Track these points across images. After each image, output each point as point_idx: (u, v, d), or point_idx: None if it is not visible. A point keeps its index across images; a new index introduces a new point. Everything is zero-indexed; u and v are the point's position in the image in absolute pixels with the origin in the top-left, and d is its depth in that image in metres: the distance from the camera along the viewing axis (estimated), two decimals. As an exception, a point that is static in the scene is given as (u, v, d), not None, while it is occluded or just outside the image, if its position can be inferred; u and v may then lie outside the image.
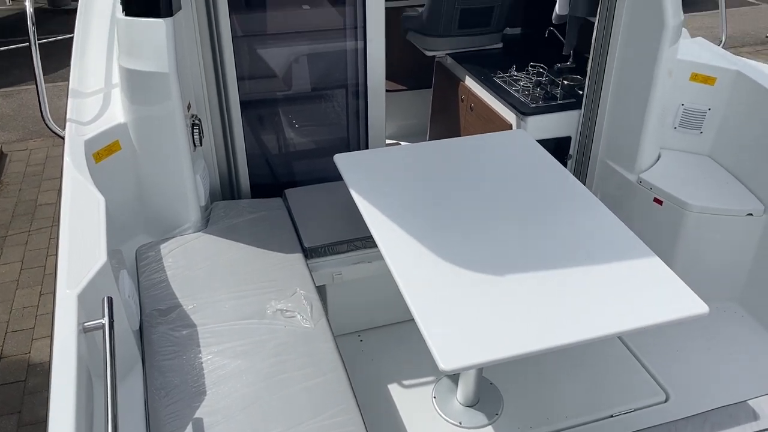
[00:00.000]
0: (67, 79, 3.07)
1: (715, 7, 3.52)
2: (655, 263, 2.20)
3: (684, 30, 3.34)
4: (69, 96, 2.84)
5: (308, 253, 2.85)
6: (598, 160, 3.53)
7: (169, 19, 2.48)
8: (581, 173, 3.61)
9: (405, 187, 2.61)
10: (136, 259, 2.66)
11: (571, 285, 2.10)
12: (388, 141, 4.78)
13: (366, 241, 2.93)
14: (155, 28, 2.47)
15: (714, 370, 2.95)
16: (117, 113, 2.71)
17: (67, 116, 2.69)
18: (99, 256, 2.01)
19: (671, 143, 3.44)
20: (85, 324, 1.80)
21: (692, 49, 3.37)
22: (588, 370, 2.92)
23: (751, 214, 3.06)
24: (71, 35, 3.44)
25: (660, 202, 3.19)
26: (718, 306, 3.26)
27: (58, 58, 7.15)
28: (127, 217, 2.76)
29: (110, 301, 1.81)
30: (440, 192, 2.58)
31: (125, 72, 2.55)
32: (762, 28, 9.33)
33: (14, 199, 5.43)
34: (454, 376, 2.84)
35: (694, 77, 3.26)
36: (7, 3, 10.82)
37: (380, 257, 2.29)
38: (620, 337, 3.11)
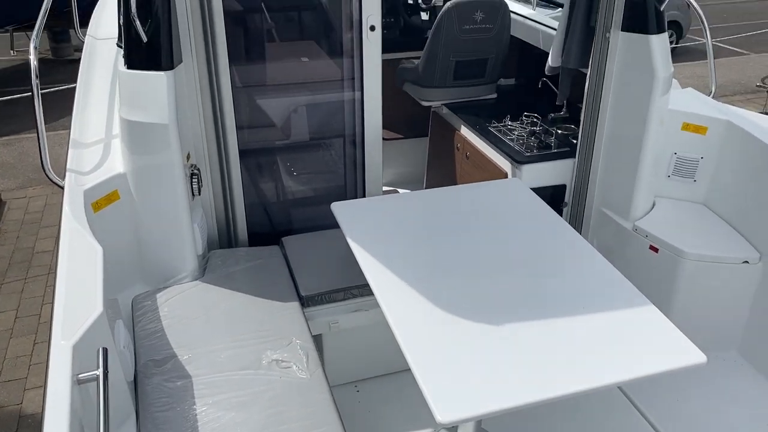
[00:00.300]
0: (68, 128, 3.12)
1: (705, 57, 3.61)
2: (652, 312, 2.20)
3: (674, 81, 3.41)
4: (69, 146, 2.87)
5: (305, 302, 2.84)
6: (593, 208, 3.56)
7: (170, 72, 2.54)
8: (577, 221, 3.64)
9: (402, 236, 2.62)
10: (132, 308, 2.65)
11: (567, 335, 2.10)
12: (385, 188, 4.82)
13: (363, 289, 2.93)
14: (156, 80, 2.52)
15: (714, 419, 2.92)
16: (117, 163, 2.75)
17: (67, 166, 2.72)
18: (95, 307, 2.01)
19: (666, 191, 3.47)
20: (79, 376, 1.79)
21: (683, 100, 3.44)
22: (587, 420, 2.89)
23: (747, 262, 3.07)
24: (73, 85, 3.50)
25: (656, 250, 3.21)
26: (717, 355, 3.24)
27: (60, 106, 7.24)
28: (124, 266, 2.76)
29: (105, 352, 1.80)
30: (437, 241, 2.60)
31: (126, 123, 2.59)
32: (752, 77, 9.53)
33: (11, 246, 5.43)
34: (453, 427, 2.80)
35: (686, 127, 3.32)
36: (12, 54, 11.03)
37: (377, 305, 2.29)
38: (619, 386, 3.08)
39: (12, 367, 4.11)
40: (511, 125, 3.97)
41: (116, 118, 2.99)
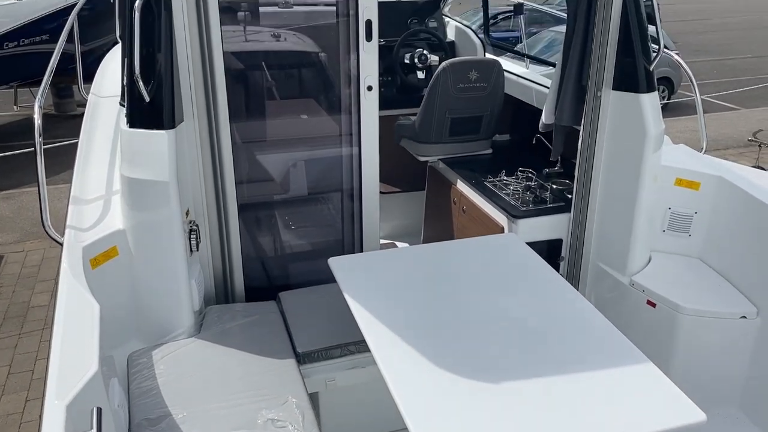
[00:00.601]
0: (68, 182, 3.15)
1: (696, 112, 3.70)
2: (650, 370, 2.19)
3: (666, 137, 3.48)
4: (70, 203, 2.90)
5: (301, 359, 2.82)
6: (590, 262, 3.57)
7: (171, 131, 2.59)
8: (574, 275, 3.65)
9: (399, 291, 2.62)
10: (127, 365, 2.62)
11: (566, 393, 2.08)
12: (382, 241, 4.83)
13: (360, 345, 2.91)
14: (157, 139, 2.57)
15: None
16: (116, 220, 2.77)
17: (67, 223, 2.74)
18: (90, 365, 1.99)
19: (661, 246, 3.49)
20: None
21: (675, 155, 3.50)
22: None
23: (744, 317, 3.07)
24: (75, 140, 3.56)
25: (653, 305, 3.21)
26: (717, 412, 3.20)
27: (60, 161, 7.32)
28: (120, 322, 2.75)
29: (99, 412, 1.78)
30: (434, 297, 2.60)
31: (126, 180, 2.63)
32: (743, 131, 9.69)
33: (7, 301, 5.40)
34: None
35: (679, 182, 3.37)
36: (15, 109, 11.21)
37: (375, 362, 2.28)
38: None
39: (2, 426, 4.03)
40: (506, 180, 4.02)
41: (117, 176, 3.03)
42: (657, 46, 3.21)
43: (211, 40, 2.86)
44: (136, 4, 2.52)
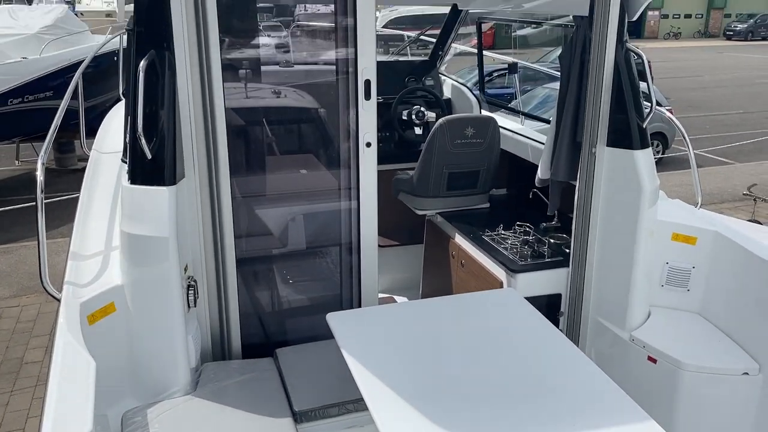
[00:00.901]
0: (66, 236, 3.16)
1: (690, 166, 3.75)
2: (652, 427, 2.16)
3: (661, 192, 3.51)
4: (69, 258, 2.91)
5: (298, 417, 2.77)
6: (589, 317, 3.56)
7: (172, 188, 2.62)
8: (573, 330, 3.62)
9: (397, 348, 2.60)
10: (121, 424, 2.58)
11: None
12: (381, 295, 4.82)
13: (358, 403, 2.86)
14: (158, 195, 2.60)
15: None
16: (115, 276, 2.77)
17: (65, 278, 2.74)
18: (85, 425, 1.96)
19: (660, 301, 3.49)
20: None
21: (671, 210, 3.53)
22: None
23: (746, 373, 3.04)
24: (75, 195, 3.58)
25: (654, 361, 3.18)
26: None
27: (60, 215, 7.36)
28: (116, 379, 2.72)
29: None
30: (433, 354, 2.58)
31: (126, 236, 2.64)
32: (738, 185, 9.78)
33: (0, 356, 5.33)
34: None
35: (676, 237, 3.39)
36: (17, 164, 11.31)
37: (373, 421, 2.25)
38: None
39: (-10, 487, 3.93)
40: (504, 234, 4.03)
41: (116, 231, 3.04)
42: (649, 103, 3.29)
43: (213, 97, 2.92)
44: (141, 63, 2.58)
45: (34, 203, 2.99)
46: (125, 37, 3.78)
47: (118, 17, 3.81)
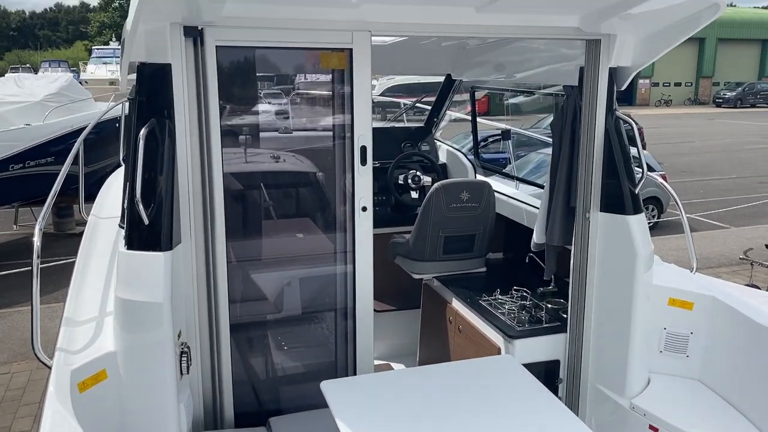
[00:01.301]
0: (60, 301, 3.14)
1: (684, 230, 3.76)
2: None
3: (656, 257, 3.53)
4: (62, 324, 2.88)
5: None
6: (588, 384, 3.50)
7: (168, 253, 2.62)
8: (572, 398, 3.56)
9: (393, 419, 2.55)
10: None
11: None
12: (377, 362, 4.74)
13: None
14: (154, 260, 2.60)
15: None
16: (107, 342, 2.74)
17: (58, 345, 2.71)
18: None
19: (659, 367, 3.44)
20: None
21: (667, 275, 3.53)
22: None
23: None
24: (72, 259, 3.58)
25: (655, 430, 3.11)
26: None
27: (55, 280, 7.31)
28: None
29: None
30: (429, 424, 2.52)
31: (120, 302, 2.63)
32: (734, 249, 9.80)
33: (-13, 426, 5.20)
34: None
35: (672, 302, 3.38)
36: (15, 228, 11.33)
37: None
38: None
39: None
40: (501, 299, 4.02)
41: (111, 297, 3.03)
42: (641, 169, 3.34)
43: (212, 163, 2.96)
44: (142, 131, 2.63)
45: (28, 268, 2.99)
46: (127, 104, 3.86)
47: (120, 86, 3.90)
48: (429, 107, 6.03)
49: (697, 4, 2.79)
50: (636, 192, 3.30)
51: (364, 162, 3.23)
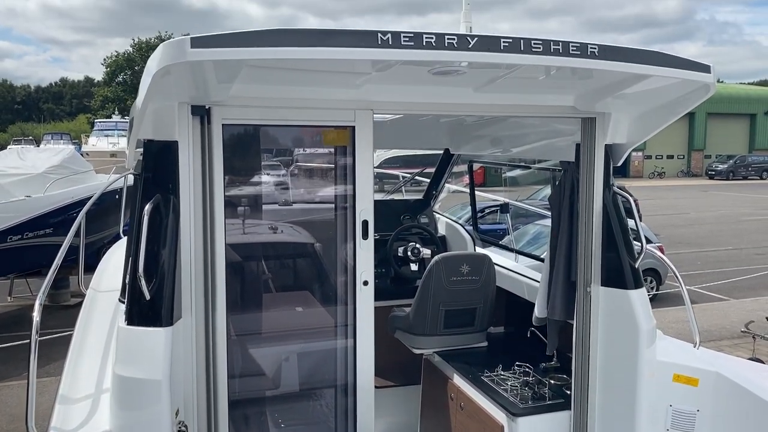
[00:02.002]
0: (53, 375, 3.08)
1: (684, 302, 3.74)
2: None
3: (658, 331, 3.50)
4: (57, 402, 2.82)
5: None
6: None
7: (168, 329, 2.60)
8: None
9: None
10: None
11: None
12: (377, 441, 4.61)
13: None
14: (154, 336, 2.58)
15: None
16: (102, 421, 2.68)
17: (52, 423, 2.65)
18: None
19: None
20: None
21: (670, 350, 3.50)
22: None
23: None
24: (67, 331, 3.54)
25: None
26: None
27: (48, 354, 7.17)
28: None
29: None
30: None
31: (118, 379, 2.59)
32: (735, 321, 9.73)
33: None
34: None
35: (677, 378, 3.33)
36: (9, 300, 11.22)
37: None
38: None
39: None
40: (503, 375, 3.96)
41: (108, 374, 2.98)
42: (640, 244, 3.36)
43: (215, 239, 2.98)
44: (147, 207, 2.66)
45: (21, 342, 2.96)
46: (132, 178, 3.92)
47: (127, 162, 3.96)
48: (427, 180, 6.12)
49: (689, 85, 2.88)
50: (636, 266, 3.31)
51: (365, 236, 3.25)
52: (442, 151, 5.75)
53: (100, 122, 45.25)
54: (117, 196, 10.08)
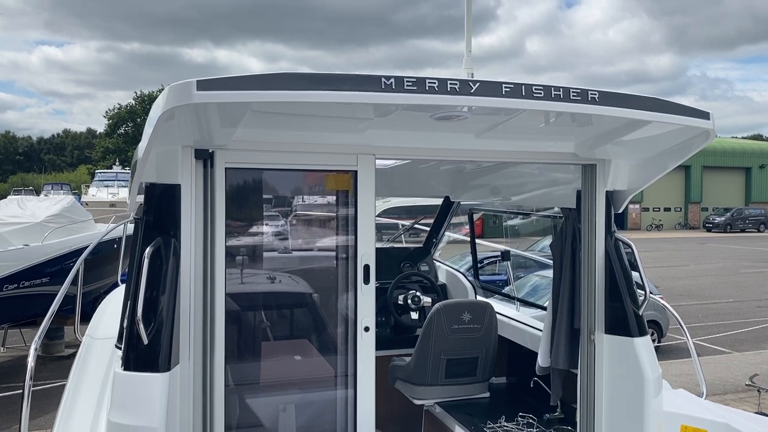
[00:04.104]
0: (44, 428, 3.00)
1: (688, 354, 3.70)
2: None
3: (665, 382, 3.43)
4: None
5: None
6: None
7: (165, 374, 2.55)
8: None
9: None
10: None
11: None
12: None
13: None
14: (151, 382, 2.52)
15: None
16: None
17: None
18: None
19: None
20: None
21: (677, 402, 3.42)
22: None
23: None
24: (59, 382, 3.46)
25: None
26: None
27: (42, 405, 7.03)
28: None
29: None
30: None
31: (113, 427, 2.52)
32: (739, 375, 9.58)
33: None
34: None
35: (685, 429, 3.24)
36: (2, 350, 11.05)
37: None
38: None
39: None
40: (507, 426, 3.87)
41: (102, 422, 2.90)
42: (643, 292, 3.33)
43: (215, 284, 2.95)
44: (147, 250, 2.64)
45: (13, 392, 2.89)
46: (130, 225, 3.90)
47: (129, 208, 3.96)
48: (427, 228, 6.11)
49: (688, 131, 2.91)
50: (640, 313, 3.28)
51: (367, 281, 3.22)
52: (442, 201, 5.77)
53: (100, 173, 45.55)
54: (115, 246, 10.04)
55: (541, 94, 2.45)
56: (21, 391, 2.81)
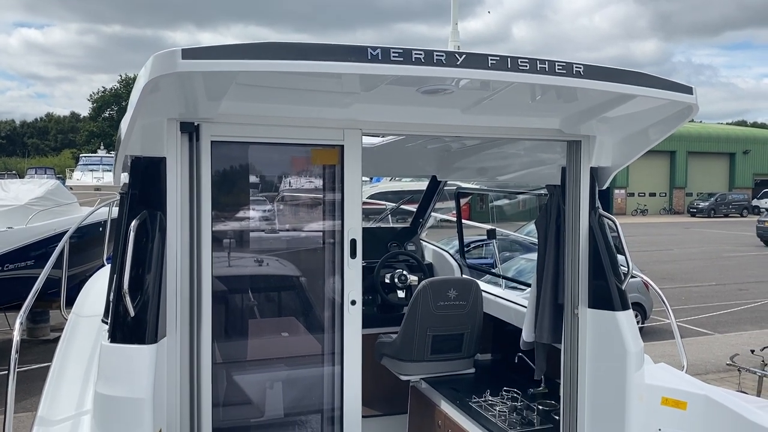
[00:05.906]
0: (27, 410, 3.00)
1: (671, 336, 3.76)
2: None
3: (647, 356, 3.49)
4: (35, 424, 2.74)
5: None
6: None
7: (152, 346, 2.55)
8: None
9: None
10: None
11: None
12: (362, 473, 4.51)
13: None
14: (137, 354, 2.53)
15: None
16: None
17: None
18: None
19: None
20: None
21: (659, 375, 3.48)
22: None
23: None
24: (44, 364, 3.46)
25: None
26: None
27: (27, 388, 7.00)
28: None
29: None
30: None
31: (100, 398, 2.52)
32: (720, 355, 9.74)
33: None
34: None
35: (665, 401, 3.30)
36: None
37: None
38: None
39: None
40: (491, 401, 3.92)
41: (89, 396, 2.90)
42: (626, 267, 3.38)
43: (201, 255, 2.95)
44: (133, 223, 2.64)
45: (5, 369, 2.88)
46: (114, 207, 3.89)
47: (114, 180, 3.95)
48: (413, 209, 6.13)
49: (672, 106, 2.94)
50: (623, 288, 3.32)
51: (354, 255, 3.23)
52: (428, 181, 5.78)
53: (85, 157, 45.01)
54: (101, 229, 9.98)
55: (527, 66, 2.46)
56: (6, 372, 2.80)
